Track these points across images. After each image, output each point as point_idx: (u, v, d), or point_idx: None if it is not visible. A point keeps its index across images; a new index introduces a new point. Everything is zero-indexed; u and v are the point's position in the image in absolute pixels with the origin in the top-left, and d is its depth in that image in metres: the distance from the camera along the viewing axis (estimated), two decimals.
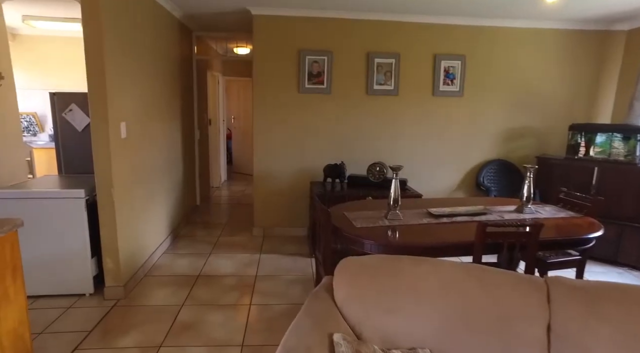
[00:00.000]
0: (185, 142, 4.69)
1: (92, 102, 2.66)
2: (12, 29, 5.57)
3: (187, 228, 4.56)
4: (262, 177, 4.27)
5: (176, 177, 4.30)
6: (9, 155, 4.00)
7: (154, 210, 3.62)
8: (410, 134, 4.28)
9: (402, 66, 4.12)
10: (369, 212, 2.66)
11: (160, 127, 3.77)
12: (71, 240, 2.86)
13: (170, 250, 3.90)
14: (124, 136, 2.91)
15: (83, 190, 2.80)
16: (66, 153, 3.32)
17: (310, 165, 4.26)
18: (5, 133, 3.95)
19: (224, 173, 7.23)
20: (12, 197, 2.78)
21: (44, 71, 5.63)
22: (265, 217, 4.36)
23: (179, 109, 4.42)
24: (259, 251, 3.94)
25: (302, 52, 4.04)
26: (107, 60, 2.66)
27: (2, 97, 3.94)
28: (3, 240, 1.79)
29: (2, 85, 3.95)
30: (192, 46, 5.01)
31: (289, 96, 4.13)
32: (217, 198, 6.05)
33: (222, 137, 6.92)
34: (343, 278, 1.47)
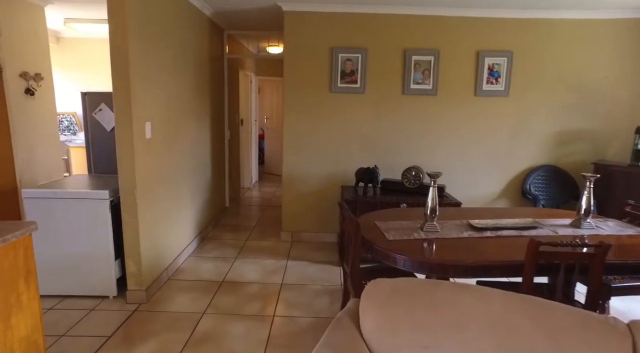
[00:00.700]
0: (215, 142, 4.62)
1: (117, 101, 2.59)
2: (56, 32, 5.74)
3: (214, 231, 4.48)
4: (291, 179, 4.12)
5: (204, 177, 4.23)
6: (47, 154, 4.08)
7: (180, 212, 3.54)
8: (449, 137, 3.99)
9: (442, 64, 3.84)
10: (403, 222, 2.43)
11: (188, 127, 3.70)
12: (96, 241, 2.82)
13: (196, 253, 3.82)
14: (148, 136, 2.83)
15: (107, 191, 2.74)
16: (95, 152, 3.31)
17: (342, 168, 4.06)
18: (44, 132, 4.03)
19: (255, 174, 7.16)
20: (38, 196, 2.77)
21: (86, 72, 5.76)
22: (294, 222, 4.21)
23: (209, 108, 4.35)
24: (286, 257, 3.78)
25: (335, 50, 3.85)
26: (132, 58, 2.59)
27: (42, 98, 4.03)
28: (16, 244, 1.71)
29: (42, 86, 4.04)
30: (224, 45, 4.94)
31: (321, 96, 3.95)
32: (247, 200, 5.97)
33: (253, 137, 6.86)
34: (372, 304, 1.27)
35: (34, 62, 3.91)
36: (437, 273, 1.89)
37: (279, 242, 4.18)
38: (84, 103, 3.20)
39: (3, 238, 1.61)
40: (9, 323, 1.71)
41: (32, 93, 3.84)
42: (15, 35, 3.68)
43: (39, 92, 3.92)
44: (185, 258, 3.64)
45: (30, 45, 3.86)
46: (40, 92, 3.94)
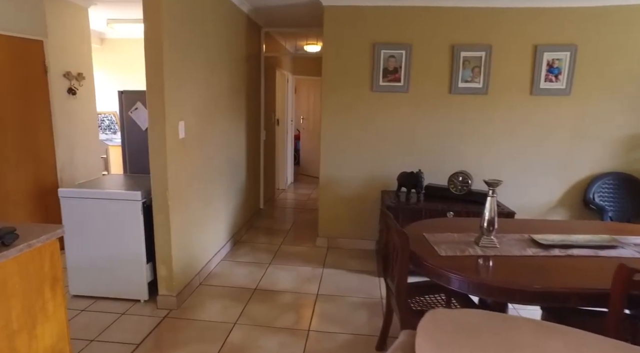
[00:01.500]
0: (250, 143, 4.51)
1: (150, 99, 2.50)
2: (100, 34, 5.85)
3: (248, 234, 4.37)
4: (328, 183, 3.93)
5: (239, 179, 4.12)
6: (86, 152, 4.12)
7: (214, 215, 3.44)
8: (500, 139, 3.66)
9: (494, 60, 3.52)
10: (454, 234, 2.18)
11: (223, 127, 3.59)
12: (128, 243, 2.75)
13: (229, 257, 3.70)
14: (182, 136, 2.73)
15: (140, 192, 2.66)
16: (131, 152, 3.26)
17: (382, 172, 3.82)
18: (84, 131, 4.07)
19: (290, 175, 7.04)
20: (73, 196, 2.73)
21: (128, 72, 5.85)
22: (331, 227, 4.01)
23: (244, 108, 4.24)
24: (321, 264, 3.59)
25: (377, 46, 3.63)
26: (167, 56, 2.48)
27: (83, 97, 4.07)
28: (42, 249, 1.62)
29: (83, 85, 4.08)
30: (261, 43, 4.83)
31: (361, 95, 3.74)
32: (281, 202, 5.85)
33: (289, 138, 6.73)
34: (430, 344, 1.05)
35: (77, 62, 3.94)
36: (497, 297, 1.63)
37: (314, 248, 4.00)
38: (120, 101, 3.16)
39: (27, 244, 1.52)
40: (34, 333, 1.62)
41: (74, 93, 3.88)
42: (60, 36, 3.72)
43: (80, 92, 3.96)
44: (217, 262, 3.54)
45: (74, 45, 3.90)
46: (81, 92, 3.98)
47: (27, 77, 3.48)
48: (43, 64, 3.58)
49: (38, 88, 3.56)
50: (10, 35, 3.35)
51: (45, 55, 3.58)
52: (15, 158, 3.47)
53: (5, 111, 3.38)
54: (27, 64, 3.47)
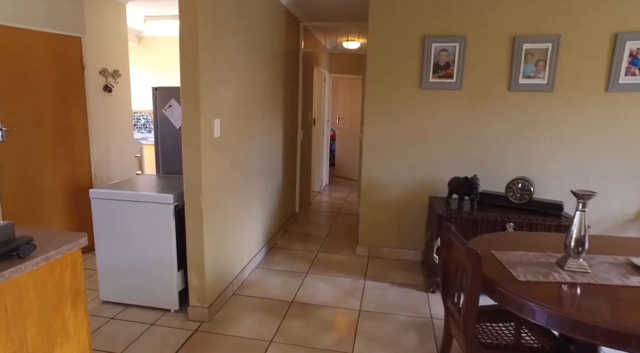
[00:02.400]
0: (287, 143, 4.29)
1: (184, 95, 2.31)
2: (138, 32, 5.83)
3: (283, 239, 4.15)
4: (370, 187, 3.64)
5: (275, 181, 3.91)
6: (121, 151, 4.03)
7: (248, 219, 3.23)
8: (568, 142, 3.25)
9: (563, 53, 3.12)
10: (529, 254, 1.84)
11: (260, 126, 3.38)
12: (158, 249, 2.58)
13: (263, 264, 3.49)
14: (217, 135, 2.53)
15: (172, 195, 2.48)
16: (164, 151, 3.11)
17: (431, 177, 3.50)
18: (119, 129, 3.99)
19: (325, 177, 6.79)
20: (103, 197, 2.59)
21: (165, 70, 5.79)
22: (372, 235, 3.72)
23: (282, 106, 4.02)
24: (363, 275, 3.31)
25: (428, 39, 3.31)
26: (202, 49, 2.29)
27: (119, 95, 3.99)
28: (62, 261, 1.44)
29: (119, 83, 4.00)
30: (299, 38, 4.61)
31: (409, 93, 3.43)
32: (317, 205, 5.60)
33: (325, 138, 6.49)
34: None
35: (114, 59, 3.86)
36: (604, 342, 1.30)
37: (353, 257, 3.72)
38: (154, 98, 3.02)
39: (45, 256, 1.34)
40: None
41: (109, 90, 3.79)
42: (97, 32, 3.63)
43: (115, 89, 3.87)
44: (251, 270, 3.33)
45: (111, 42, 3.82)
46: (117, 89, 3.89)
47: (64, 74, 3.41)
48: (80, 60, 3.50)
49: (75, 85, 3.49)
50: (50, 32, 3.28)
51: (82, 52, 3.51)
52: (51, 156, 3.41)
53: (43, 108, 3.32)
54: (64, 60, 3.40)
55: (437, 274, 2.99)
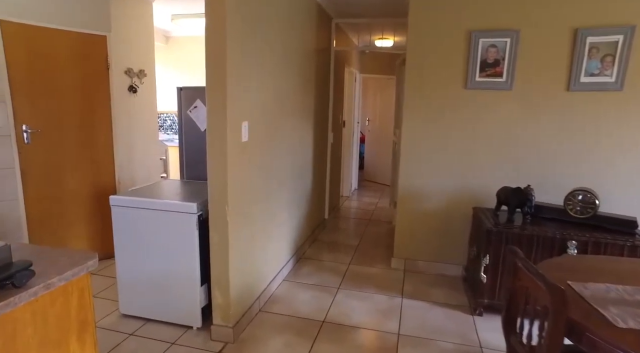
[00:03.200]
0: (317, 146, 4.05)
1: (210, 95, 2.10)
2: (165, 32, 5.73)
3: (312, 249, 3.90)
4: (408, 195, 3.35)
5: (305, 187, 3.67)
6: (145, 153, 3.89)
7: (277, 229, 3.01)
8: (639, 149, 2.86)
9: (637, 46, 2.74)
10: (618, 286, 1.52)
11: (290, 129, 3.15)
12: (181, 261, 2.38)
13: (291, 276, 3.26)
14: (245, 139, 2.31)
15: (195, 203, 2.28)
16: (188, 155, 2.93)
17: (475, 185, 3.18)
18: (144, 131, 3.85)
19: (355, 181, 6.52)
20: (122, 204, 2.42)
21: (193, 71, 5.67)
22: (409, 247, 3.43)
23: (313, 107, 3.78)
24: (399, 292, 3.03)
25: (475, 34, 2.99)
26: (230, 45, 2.07)
27: (144, 95, 3.85)
28: (67, 288, 1.24)
29: (144, 83, 3.87)
30: (331, 36, 4.36)
31: (452, 93, 3.12)
32: (346, 211, 5.34)
33: (355, 141, 6.22)
34: None
35: (139, 58, 3.72)
36: None
37: (388, 271, 3.43)
38: (179, 99, 2.84)
39: (46, 284, 1.14)
40: None
41: (134, 90, 3.66)
42: (123, 31, 3.50)
43: (141, 90, 3.73)
44: (279, 283, 3.10)
45: (137, 41, 3.68)
46: (142, 90, 3.76)
47: (89, 74, 3.29)
48: (105, 60, 3.38)
49: (99, 85, 3.36)
50: (75, 31, 3.17)
51: (108, 51, 3.38)
52: (75, 158, 3.29)
53: (68, 109, 3.21)
54: (89, 60, 3.28)
55: (484, 295, 2.67)
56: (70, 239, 3.35)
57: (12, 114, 2.98)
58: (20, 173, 3.06)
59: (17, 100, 2.98)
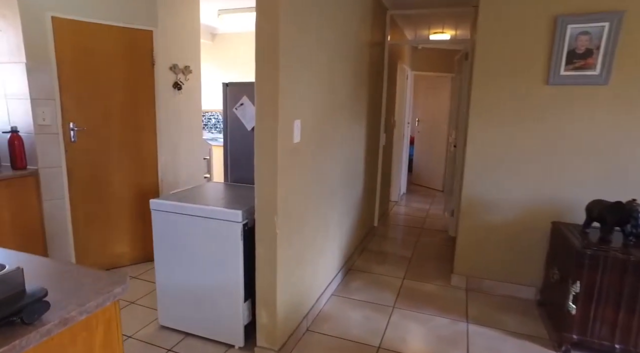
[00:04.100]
0: (369, 148, 3.73)
1: (259, 90, 1.85)
2: (212, 29, 5.63)
3: (362, 259, 3.60)
4: (472, 206, 2.96)
5: (356, 192, 3.37)
6: (189, 152, 3.74)
7: (327, 239, 2.73)
8: None
9: None
10: None
11: (343, 129, 2.86)
12: (223, 274, 2.16)
13: (340, 291, 2.97)
14: (296, 140, 2.04)
15: (240, 211, 2.04)
16: (233, 156, 2.71)
17: (556, 197, 2.74)
18: (188, 129, 3.70)
19: (404, 185, 6.13)
20: (162, 209, 2.23)
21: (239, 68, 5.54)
22: (472, 263, 3.04)
23: (366, 106, 3.47)
24: (463, 315, 2.66)
25: (562, 20, 2.56)
26: (283, 34, 1.81)
27: (189, 92, 3.70)
28: (90, 323, 1.02)
29: (189, 79, 3.72)
30: (386, 29, 4.03)
31: (531, 90, 2.71)
32: (395, 217, 4.98)
33: (405, 143, 5.83)
34: None
35: (185, 54, 3.57)
36: None
37: (448, 288, 3.06)
38: (224, 95, 2.63)
39: (62, 320, 0.91)
40: None
41: (179, 87, 3.51)
42: (169, 26, 3.36)
43: (186, 87, 3.58)
44: (327, 298, 2.82)
45: (183, 36, 3.54)
46: (187, 87, 3.61)
47: (134, 71, 3.17)
48: (151, 55, 3.25)
49: (144, 81, 3.24)
50: (122, 26, 3.06)
51: (153, 47, 3.25)
52: (119, 157, 3.19)
53: (113, 107, 3.10)
54: (135, 56, 3.16)
55: (573, 329, 2.25)
56: (113, 240, 3.25)
57: (60, 112, 2.92)
58: (66, 172, 2.99)
59: (65, 98, 2.91)
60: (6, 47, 2.81)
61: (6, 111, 2.92)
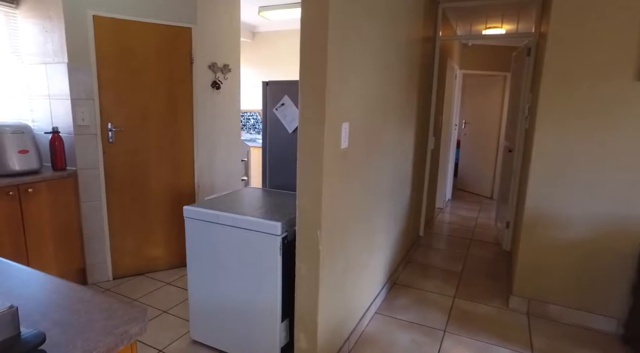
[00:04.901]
0: (418, 152, 3.44)
1: (304, 88, 1.63)
2: (252, 27, 5.52)
3: (407, 273, 3.31)
4: (537, 219, 2.61)
5: (403, 201, 3.10)
6: (227, 154, 3.60)
7: (373, 254, 2.48)
8: None
9: None
10: None
11: (392, 132, 2.61)
12: (259, 290, 1.96)
13: (384, 308, 2.71)
14: (344, 145, 1.81)
15: (279, 223, 1.84)
16: (273, 160, 2.53)
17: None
18: (226, 130, 3.56)
19: (449, 191, 5.76)
20: (195, 217, 2.07)
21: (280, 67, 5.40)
22: (535, 284, 2.69)
23: (415, 107, 3.19)
24: (527, 347, 2.32)
25: None
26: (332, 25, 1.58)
27: (227, 92, 3.57)
28: None
29: (228, 78, 3.59)
30: (437, 23, 3.72)
31: (615, 88, 2.33)
32: (441, 226, 4.64)
33: (452, 146, 5.46)
34: None
35: (224, 52, 3.44)
36: None
37: (506, 312, 2.72)
38: (264, 95, 2.45)
39: None
40: None
41: (218, 87, 3.38)
42: (208, 23, 3.23)
43: (224, 86, 3.45)
44: (371, 317, 2.57)
45: (223, 33, 3.40)
46: (226, 86, 3.47)
47: (173, 68, 3.07)
48: (190, 53, 3.13)
49: (182, 80, 3.13)
50: (161, 24, 2.96)
51: (192, 44, 3.13)
52: (155, 158, 3.09)
53: (151, 106, 3.01)
54: (174, 53, 3.05)
55: None
56: (149, 244, 3.17)
57: (99, 112, 2.85)
58: (103, 173, 2.93)
59: (103, 98, 2.85)
60: (51, 48, 2.78)
61: (49, 112, 2.90)
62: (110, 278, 3.05)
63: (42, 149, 2.93)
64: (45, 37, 2.80)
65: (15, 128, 2.61)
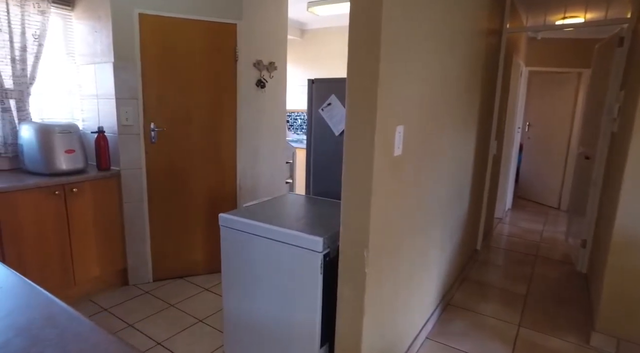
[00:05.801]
0: (478, 158, 3.09)
1: (352, 88, 1.40)
2: (301, 25, 5.37)
3: (462, 292, 2.97)
4: (628, 238, 2.19)
5: (460, 212, 2.77)
6: (271, 156, 3.44)
7: (425, 272, 2.20)
8: None
9: None
10: None
11: (450, 137, 2.30)
12: (297, 310, 1.76)
13: (437, 334, 2.41)
14: (397, 152, 1.56)
15: (321, 239, 1.62)
16: (317, 164, 2.32)
17: None
18: (270, 131, 3.41)
19: (509, 199, 5.26)
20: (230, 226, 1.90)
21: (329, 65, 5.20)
22: (626, 321, 2.26)
23: (477, 109, 2.85)
24: None
25: None
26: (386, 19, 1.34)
27: (273, 91, 3.41)
28: None
29: (273, 77, 3.44)
30: (504, 15, 3.33)
31: None
32: (500, 239, 4.21)
33: (514, 151, 4.98)
34: None
35: (270, 49, 3.28)
36: None
37: (585, 350, 2.32)
38: (310, 94, 2.25)
39: None
40: None
41: (262, 85, 3.23)
42: (254, 19, 3.09)
43: (269, 84, 3.29)
44: (421, 343, 2.29)
45: (269, 30, 3.25)
46: (271, 85, 3.31)
47: (217, 66, 2.96)
48: (234, 50, 3.00)
49: (226, 78, 3.01)
50: (206, 20, 2.86)
51: (237, 41, 3.00)
52: (197, 159, 3.00)
53: (193, 106, 2.92)
54: (218, 51, 2.94)
55: None
56: (188, 247, 3.09)
57: (142, 112, 2.81)
58: (145, 174, 2.88)
59: (146, 97, 2.80)
60: (99, 48, 2.78)
61: (97, 111, 2.90)
62: (151, 280, 3.00)
63: (88, 148, 2.94)
64: (94, 37, 2.79)
65: (64, 127, 2.61)
